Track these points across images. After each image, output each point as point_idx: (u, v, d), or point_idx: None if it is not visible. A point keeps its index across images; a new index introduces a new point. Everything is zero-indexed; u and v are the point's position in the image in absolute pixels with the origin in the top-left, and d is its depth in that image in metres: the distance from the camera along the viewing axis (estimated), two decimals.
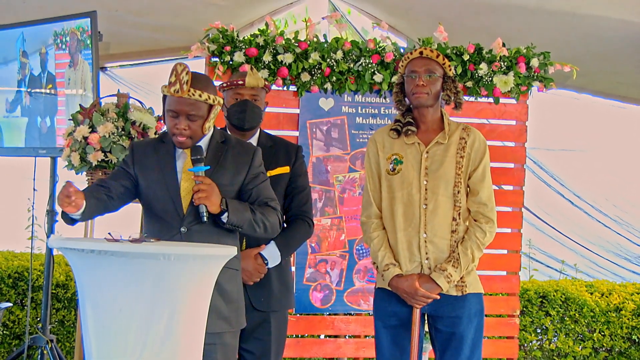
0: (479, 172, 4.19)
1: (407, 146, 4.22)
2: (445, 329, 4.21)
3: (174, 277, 3.21)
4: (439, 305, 4.17)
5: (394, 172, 4.21)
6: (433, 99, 4.18)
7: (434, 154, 4.19)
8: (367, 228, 4.30)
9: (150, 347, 3.20)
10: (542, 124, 7.15)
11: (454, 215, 4.16)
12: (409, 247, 4.16)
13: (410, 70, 4.18)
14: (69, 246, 3.29)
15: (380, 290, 4.30)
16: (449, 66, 4.22)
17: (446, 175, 4.15)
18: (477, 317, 4.22)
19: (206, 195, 3.63)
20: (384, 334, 4.26)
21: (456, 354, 4.17)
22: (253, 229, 3.78)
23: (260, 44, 5.67)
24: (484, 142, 4.24)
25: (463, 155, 4.17)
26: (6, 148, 6.03)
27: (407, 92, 4.21)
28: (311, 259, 5.88)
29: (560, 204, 8.99)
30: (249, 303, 4.26)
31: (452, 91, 4.23)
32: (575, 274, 8.66)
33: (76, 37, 5.46)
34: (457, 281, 4.14)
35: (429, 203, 4.14)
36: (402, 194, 4.17)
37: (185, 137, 3.70)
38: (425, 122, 4.23)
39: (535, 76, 6.08)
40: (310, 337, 6.09)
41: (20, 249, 7.37)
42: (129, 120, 4.98)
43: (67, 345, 6.64)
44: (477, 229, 4.15)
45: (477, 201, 4.18)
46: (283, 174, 4.42)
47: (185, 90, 3.63)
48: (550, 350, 7.43)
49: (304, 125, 5.88)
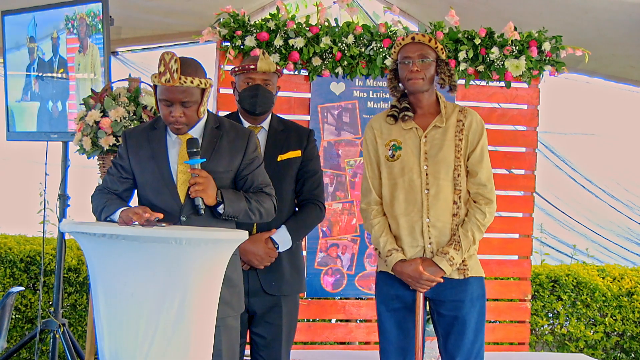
0: (477, 153, 4.17)
1: (405, 132, 4.21)
2: (447, 313, 4.20)
3: (185, 261, 3.21)
4: (441, 289, 4.17)
5: (393, 158, 4.20)
6: (428, 84, 4.17)
7: (433, 138, 4.17)
8: (367, 215, 4.30)
9: (162, 330, 3.21)
10: (553, 108, 7.13)
11: (455, 198, 4.15)
12: (411, 232, 4.15)
13: (404, 56, 4.16)
14: (80, 230, 3.30)
15: (382, 274, 4.30)
16: (441, 49, 4.19)
17: (446, 159, 4.14)
18: (480, 300, 4.21)
19: (203, 188, 3.64)
20: (388, 318, 4.26)
21: (459, 338, 4.17)
22: (249, 217, 3.79)
23: (271, 29, 5.66)
24: (481, 123, 4.23)
25: (461, 138, 4.16)
26: (18, 132, 6.04)
27: (402, 78, 4.19)
28: (322, 244, 5.89)
29: (571, 188, 8.97)
30: (259, 287, 4.27)
31: (446, 74, 4.22)
32: (587, 258, 8.64)
33: (85, 22, 5.46)
34: (459, 264, 4.14)
35: (431, 188, 4.13)
36: (403, 180, 4.17)
37: (181, 124, 3.70)
38: (421, 107, 4.22)
39: (547, 60, 6.06)
40: (321, 321, 6.10)
41: (32, 233, 7.38)
42: (141, 105, 4.99)
43: (79, 329, 6.67)
44: (476, 210, 4.15)
45: (477, 182, 4.17)
46: (294, 158, 4.40)
47: (176, 79, 3.61)
48: (562, 335, 7.43)
49: (315, 109, 5.88)
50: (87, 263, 3.40)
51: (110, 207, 3.70)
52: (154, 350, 3.22)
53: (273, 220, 4.08)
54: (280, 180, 4.26)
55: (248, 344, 4.42)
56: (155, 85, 3.72)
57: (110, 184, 3.86)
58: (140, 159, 3.81)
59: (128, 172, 3.84)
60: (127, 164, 3.83)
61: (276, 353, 4.33)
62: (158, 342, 3.22)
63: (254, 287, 4.25)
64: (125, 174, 3.84)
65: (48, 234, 7.12)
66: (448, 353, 4.23)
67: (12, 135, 6.09)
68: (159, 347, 3.22)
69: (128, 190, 3.86)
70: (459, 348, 4.18)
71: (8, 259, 6.56)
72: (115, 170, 3.86)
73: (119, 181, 3.84)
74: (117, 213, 3.64)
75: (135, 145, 3.84)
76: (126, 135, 3.91)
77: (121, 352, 3.26)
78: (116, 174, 3.85)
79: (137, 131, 3.93)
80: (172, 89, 3.64)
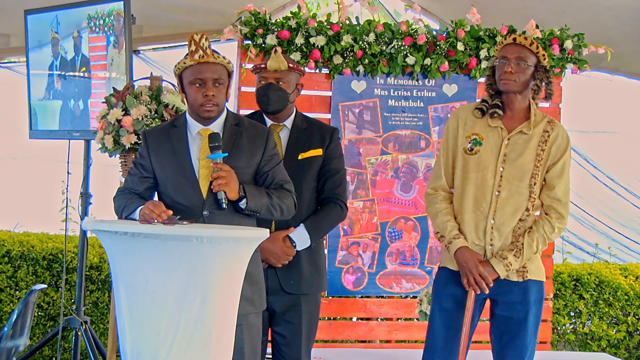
0: (558, 168, 4.13)
1: (489, 128, 4.17)
2: (502, 314, 4.18)
3: (206, 259, 3.22)
4: (499, 290, 4.14)
5: (471, 152, 4.16)
6: (520, 87, 4.11)
7: (516, 142, 4.13)
8: (433, 199, 4.26)
9: (183, 328, 3.22)
10: (575, 106, 7.10)
11: (528, 205, 4.12)
12: (475, 230, 4.13)
13: (502, 56, 4.12)
14: (102, 228, 3.31)
15: (443, 270, 4.28)
16: (543, 55, 4.12)
17: (525, 165, 4.10)
18: (537, 304, 4.17)
19: (226, 182, 3.63)
20: (438, 316, 4.23)
21: (513, 340, 4.15)
22: (270, 213, 3.79)
23: (292, 27, 5.67)
24: (567, 138, 4.17)
25: (544, 149, 4.12)
26: (41, 131, 6.07)
27: (497, 77, 4.15)
28: (343, 242, 5.89)
29: (594, 186, 8.92)
30: (278, 286, 4.27)
31: (542, 81, 4.16)
32: (609, 257, 8.60)
33: (121, 18, 5.46)
34: (519, 267, 4.12)
35: (502, 190, 4.10)
36: (476, 176, 4.13)
37: (214, 104, 3.71)
38: (511, 109, 4.18)
39: (569, 58, 6.04)
40: (342, 319, 6.11)
41: (54, 231, 7.41)
42: (162, 103, 5.00)
43: (101, 326, 6.69)
44: (546, 222, 4.11)
45: (552, 196, 4.13)
46: (315, 157, 4.38)
47: (210, 54, 3.66)
48: (584, 334, 7.40)
49: (336, 107, 5.88)
50: (109, 261, 3.41)
51: (130, 207, 3.72)
52: (176, 347, 3.23)
53: (292, 219, 4.08)
54: (300, 179, 4.25)
55: (270, 342, 4.43)
56: (180, 74, 3.76)
57: (131, 184, 3.87)
58: (161, 157, 3.82)
59: (149, 171, 3.85)
60: (148, 163, 3.85)
61: (296, 351, 4.33)
62: (179, 340, 3.22)
63: (273, 285, 4.25)
64: (146, 173, 3.85)
65: (70, 232, 7.13)
66: (500, 353, 4.22)
67: (35, 134, 6.12)
68: (180, 345, 3.23)
69: (149, 189, 3.87)
70: (511, 349, 4.16)
71: (31, 256, 6.60)
72: (136, 170, 3.88)
73: (140, 181, 3.85)
74: (137, 211, 3.66)
75: (156, 144, 3.85)
76: (146, 134, 3.93)
77: (143, 349, 3.27)
78: (137, 173, 3.87)
79: (156, 130, 3.95)
80: (206, 66, 3.68)
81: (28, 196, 8.61)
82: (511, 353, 4.16)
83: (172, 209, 3.67)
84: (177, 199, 3.76)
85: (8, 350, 4.65)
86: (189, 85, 3.72)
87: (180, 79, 3.78)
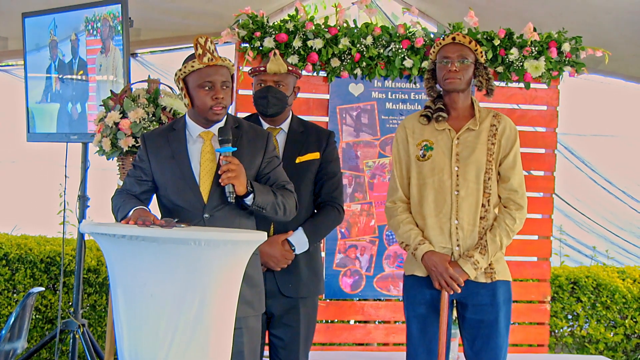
0: (510, 159, 4.17)
1: (437, 132, 4.21)
2: (473, 317, 4.19)
3: (204, 262, 3.22)
4: (467, 292, 4.15)
5: (424, 158, 4.19)
6: (465, 85, 4.17)
7: (465, 140, 4.17)
8: (393, 212, 4.29)
9: (181, 332, 3.22)
10: (573, 109, 7.10)
11: (483, 201, 4.14)
12: (441, 232, 4.15)
13: (443, 56, 4.16)
14: (100, 231, 3.31)
15: (410, 278, 4.29)
16: (480, 52, 4.20)
17: (477, 161, 4.13)
18: (506, 305, 4.20)
19: (235, 174, 3.63)
20: (414, 322, 4.25)
21: (485, 342, 4.16)
22: (275, 211, 3.79)
23: (290, 30, 5.66)
24: (514, 129, 4.23)
25: (494, 142, 4.16)
26: (38, 134, 6.07)
27: (439, 78, 4.19)
28: (341, 245, 5.89)
29: (591, 189, 8.93)
30: (277, 289, 4.27)
31: (484, 77, 4.22)
32: (607, 260, 8.60)
33: (108, 23, 5.48)
34: (486, 268, 4.13)
35: (461, 189, 4.12)
36: (433, 180, 4.16)
37: (222, 106, 3.72)
38: (456, 109, 4.22)
39: (567, 61, 6.04)
40: (340, 322, 6.11)
41: (52, 234, 7.41)
42: (160, 106, 5.00)
43: (99, 329, 6.69)
44: (507, 215, 4.14)
45: (508, 188, 4.16)
46: (313, 160, 4.39)
47: (217, 57, 3.67)
48: (582, 337, 7.40)
49: (334, 110, 5.88)
50: (107, 264, 3.41)
51: (126, 207, 3.70)
52: (174, 350, 3.22)
53: (290, 222, 4.09)
54: (298, 182, 4.24)
55: (267, 344, 4.43)
56: (184, 78, 3.74)
57: (129, 185, 3.87)
58: (160, 160, 3.81)
59: (147, 174, 3.84)
60: (147, 166, 3.84)
61: (294, 355, 4.34)
62: (177, 342, 3.22)
63: (272, 289, 4.25)
64: (144, 177, 3.84)
65: (68, 235, 7.15)
66: (473, 357, 4.23)
67: (33, 137, 6.12)
68: (179, 348, 3.23)
69: (146, 192, 3.86)
70: (485, 352, 4.17)
71: (28, 259, 6.60)
72: (135, 172, 3.87)
73: (137, 183, 3.85)
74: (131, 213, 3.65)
75: (155, 147, 3.85)
76: (145, 137, 3.92)
77: (141, 352, 3.27)
78: (135, 176, 3.86)
79: (155, 133, 3.94)
80: (214, 69, 3.68)
81: (26, 199, 8.62)
82: (486, 356, 4.17)
83: (173, 212, 3.69)
84: (178, 202, 3.76)
85: (6, 353, 4.65)
86: (198, 88, 3.71)
87: (185, 83, 3.77)
